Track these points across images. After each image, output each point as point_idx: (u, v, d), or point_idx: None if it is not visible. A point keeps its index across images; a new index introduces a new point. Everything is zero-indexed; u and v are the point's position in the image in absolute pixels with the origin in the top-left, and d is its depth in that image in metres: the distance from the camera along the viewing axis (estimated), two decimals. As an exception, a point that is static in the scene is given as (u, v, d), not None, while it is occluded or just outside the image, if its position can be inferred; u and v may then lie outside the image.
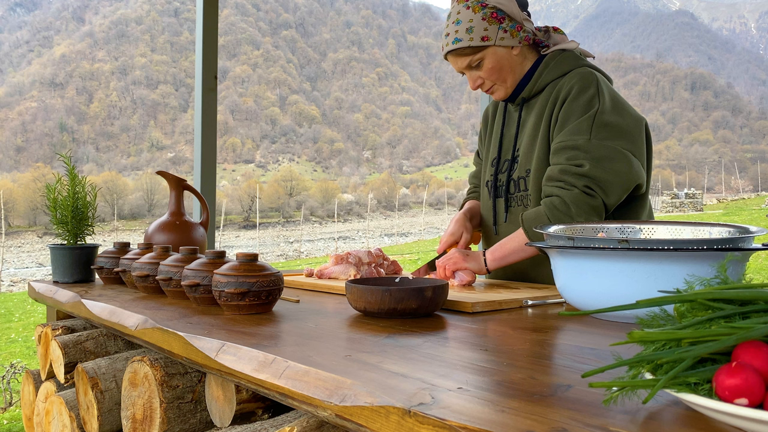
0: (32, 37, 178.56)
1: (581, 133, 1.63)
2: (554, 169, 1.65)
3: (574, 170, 1.61)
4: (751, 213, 28.85)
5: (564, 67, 1.77)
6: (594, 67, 1.79)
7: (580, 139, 1.63)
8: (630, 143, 1.65)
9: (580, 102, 1.67)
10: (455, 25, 1.76)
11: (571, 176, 1.61)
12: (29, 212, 69.99)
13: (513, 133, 1.89)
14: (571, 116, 1.67)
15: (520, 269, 1.85)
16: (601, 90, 1.68)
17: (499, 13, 1.76)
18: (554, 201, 1.61)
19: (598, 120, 1.64)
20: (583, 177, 1.60)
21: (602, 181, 1.59)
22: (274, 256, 30.11)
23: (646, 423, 0.60)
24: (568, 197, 1.60)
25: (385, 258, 1.84)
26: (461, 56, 1.77)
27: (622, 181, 1.62)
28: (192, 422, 1.24)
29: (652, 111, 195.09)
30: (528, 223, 1.64)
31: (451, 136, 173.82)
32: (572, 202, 1.59)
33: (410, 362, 0.87)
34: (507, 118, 1.95)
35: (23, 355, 7.61)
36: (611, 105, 1.67)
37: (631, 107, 1.73)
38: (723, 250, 1.04)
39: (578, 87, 1.69)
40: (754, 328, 0.56)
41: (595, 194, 1.59)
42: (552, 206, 1.61)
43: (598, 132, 1.63)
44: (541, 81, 1.80)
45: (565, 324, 1.14)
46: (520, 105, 1.88)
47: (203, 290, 1.37)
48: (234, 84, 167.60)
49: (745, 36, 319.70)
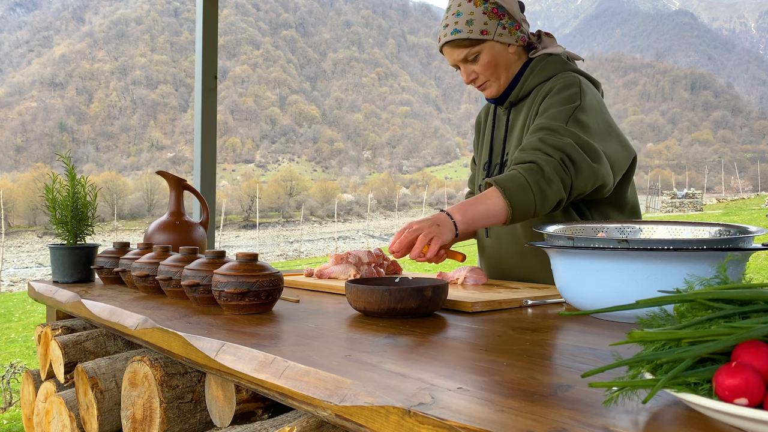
0: (32, 37, 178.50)
1: (559, 120, 1.63)
2: (531, 139, 1.61)
3: (552, 141, 1.57)
4: (751, 213, 28.85)
5: (549, 71, 1.79)
6: (580, 72, 1.80)
7: (556, 125, 1.62)
8: (603, 143, 1.65)
9: (561, 96, 1.69)
10: (455, 16, 1.77)
11: (549, 147, 1.57)
12: (29, 212, 69.96)
13: (502, 136, 1.90)
14: (551, 107, 1.68)
15: (520, 269, 1.86)
16: (583, 90, 1.69)
17: (500, 10, 1.77)
18: (530, 166, 1.56)
19: (578, 113, 1.64)
20: (560, 150, 1.56)
21: (577, 161, 1.57)
22: (274, 256, 30.10)
23: (646, 423, 0.60)
24: (544, 161, 1.55)
25: (385, 258, 1.84)
26: (458, 48, 1.78)
27: (593, 171, 1.60)
28: (192, 422, 1.24)
29: (652, 111, 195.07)
30: (503, 183, 1.54)
31: (451, 136, 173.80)
32: (548, 165, 1.54)
33: (410, 362, 0.87)
34: (496, 122, 1.96)
35: (23, 355, 7.61)
36: (591, 108, 1.68)
37: (611, 120, 1.73)
38: (723, 250, 1.04)
39: (560, 85, 1.71)
40: (754, 328, 0.56)
41: (567, 171, 1.57)
42: (528, 168, 1.55)
43: (575, 124, 1.62)
44: (527, 85, 1.82)
45: (565, 324, 1.14)
46: (508, 109, 1.89)
47: (203, 290, 1.37)
48: (234, 84, 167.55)
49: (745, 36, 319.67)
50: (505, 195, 1.52)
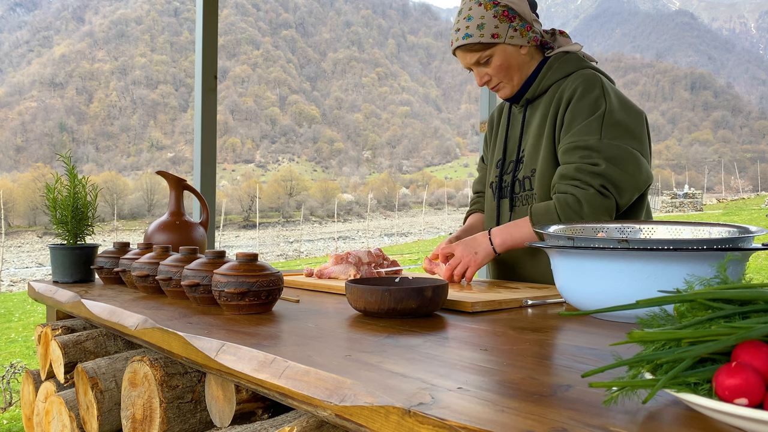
0: (32, 37, 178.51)
1: (592, 133, 1.64)
2: (569, 168, 1.64)
3: (589, 169, 1.60)
4: (751, 213, 28.85)
5: (567, 69, 1.79)
6: (597, 69, 1.80)
7: (591, 139, 1.63)
8: (638, 143, 1.67)
9: (586, 102, 1.68)
10: (466, 21, 1.77)
11: (587, 175, 1.60)
12: (29, 212, 69.99)
13: (517, 134, 1.90)
14: (578, 116, 1.68)
15: (519, 269, 1.86)
16: (606, 90, 1.70)
17: (511, 12, 1.77)
18: (568, 198, 1.61)
19: (607, 119, 1.65)
20: (599, 176, 1.60)
21: (617, 181, 1.60)
22: (274, 256, 30.10)
23: (646, 423, 0.59)
24: (582, 196, 1.59)
25: (385, 258, 1.84)
26: (470, 52, 1.79)
27: (635, 182, 1.63)
28: (192, 422, 1.24)
29: (652, 111, 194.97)
30: (537, 217, 1.64)
31: (451, 136, 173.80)
32: (586, 201, 1.59)
33: (410, 362, 0.87)
34: (511, 119, 1.96)
35: (23, 355, 7.61)
36: (618, 104, 1.69)
37: (633, 103, 1.75)
38: (723, 250, 1.04)
39: (583, 88, 1.70)
40: (754, 328, 0.56)
41: (609, 195, 1.60)
42: (565, 203, 1.61)
43: (608, 132, 1.64)
44: (545, 82, 1.81)
45: (565, 324, 1.14)
46: (524, 106, 1.89)
47: (203, 290, 1.37)
48: (234, 84, 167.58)
49: (745, 36, 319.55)
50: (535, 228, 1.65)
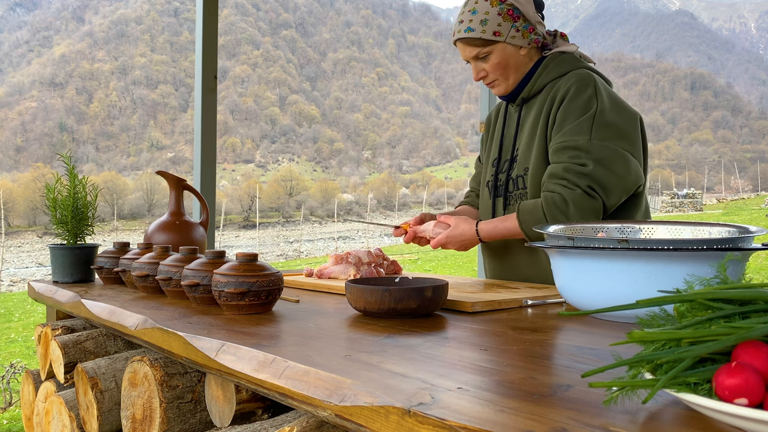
0: (32, 37, 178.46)
1: (581, 134, 1.65)
2: (557, 167, 1.65)
3: (577, 169, 1.61)
4: (751, 213, 28.85)
5: (562, 69, 1.79)
6: (593, 70, 1.81)
7: (580, 140, 1.64)
8: (629, 144, 1.67)
9: (578, 102, 1.69)
10: (471, 14, 1.78)
11: (575, 175, 1.61)
12: (29, 212, 69.97)
13: (512, 133, 1.92)
14: (570, 116, 1.68)
15: (519, 269, 1.86)
16: (599, 90, 1.70)
17: (515, 12, 1.78)
18: (555, 197, 1.62)
19: (597, 120, 1.65)
20: (586, 177, 1.61)
21: (605, 182, 1.61)
22: (273, 256, 30.10)
23: (646, 423, 0.59)
24: (569, 196, 1.61)
25: (385, 258, 1.84)
26: (470, 46, 1.80)
27: (623, 183, 1.64)
28: (192, 422, 1.24)
29: (652, 111, 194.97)
30: (523, 214, 1.66)
31: (451, 136, 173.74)
32: (573, 201, 1.60)
33: (410, 362, 0.87)
34: (507, 119, 1.97)
35: (23, 355, 7.61)
36: (610, 105, 1.69)
37: (627, 104, 1.75)
38: (723, 250, 1.04)
39: (576, 87, 1.71)
40: (754, 328, 0.56)
41: (596, 195, 1.61)
42: (552, 202, 1.62)
43: (598, 132, 1.64)
44: (540, 82, 1.82)
45: (565, 324, 1.14)
46: (519, 105, 1.90)
47: (203, 290, 1.37)
48: (234, 84, 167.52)
49: (745, 36, 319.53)
50: (522, 227, 1.67)
